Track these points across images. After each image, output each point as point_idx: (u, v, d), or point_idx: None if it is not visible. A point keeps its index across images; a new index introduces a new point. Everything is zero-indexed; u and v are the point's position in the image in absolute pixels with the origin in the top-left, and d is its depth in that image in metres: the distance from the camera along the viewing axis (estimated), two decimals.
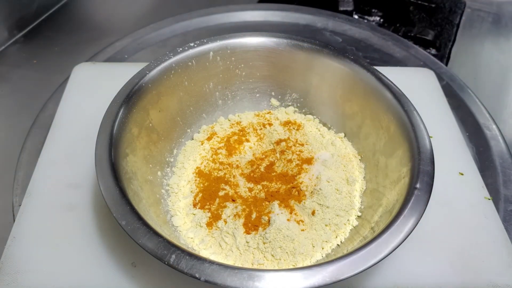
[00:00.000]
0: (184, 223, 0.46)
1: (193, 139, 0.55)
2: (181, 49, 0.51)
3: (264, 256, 0.42)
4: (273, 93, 0.58)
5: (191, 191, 0.49)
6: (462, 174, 0.51)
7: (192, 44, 0.52)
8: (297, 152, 0.52)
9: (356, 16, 0.87)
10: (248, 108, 0.58)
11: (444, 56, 0.78)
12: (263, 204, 0.47)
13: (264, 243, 0.43)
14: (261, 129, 0.55)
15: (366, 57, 0.74)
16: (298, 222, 0.45)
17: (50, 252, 0.43)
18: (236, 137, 0.54)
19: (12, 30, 0.78)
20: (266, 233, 0.43)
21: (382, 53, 0.75)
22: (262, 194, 0.48)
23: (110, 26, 0.84)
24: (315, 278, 0.33)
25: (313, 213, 0.46)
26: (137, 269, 0.42)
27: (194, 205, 0.47)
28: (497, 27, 0.88)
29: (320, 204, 0.46)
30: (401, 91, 0.47)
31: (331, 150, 0.53)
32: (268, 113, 0.57)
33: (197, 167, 0.51)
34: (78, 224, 0.45)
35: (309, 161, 0.51)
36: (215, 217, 0.45)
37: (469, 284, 0.42)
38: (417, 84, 0.62)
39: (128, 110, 0.45)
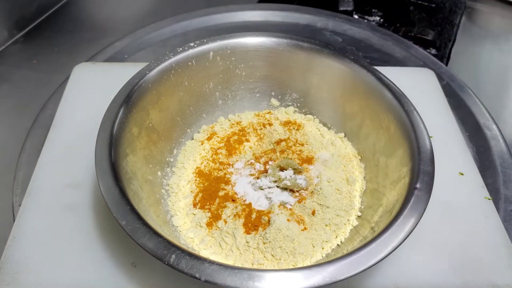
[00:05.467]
0: (184, 223, 0.46)
1: (193, 139, 0.55)
2: (181, 49, 0.51)
3: (264, 256, 0.42)
4: (273, 93, 0.58)
5: (191, 191, 0.49)
6: (462, 174, 0.51)
7: (192, 44, 0.52)
8: (297, 152, 0.52)
9: (356, 16, 0.87)
10: (248, 108, 0.58)
11: (444, 56, 0.78)
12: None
13: (264, 243, 0.43)
14: (261, 129, 0.55)
15: (366, 57, 0.74)
16: (298, 222, 0.45)
17: (50, 252, 0.43)
18: (236, 137, 0.54)
19: (12, 30, 0.78)
20: (266, 233, 0.43)
21: (382, 53, 0.75)
22: None
23: (110, 26, 0.84)
24: (315, 278, 0.33)
25: (313, 213, 0.46)
26: (137, 269, 0.42)
27: (194, 205, 0.47)
28: (497, 27, 0.88)
29: (320, 204, 0.46)
30: (401, 91, 0.47)
31: (331, 150, 0.53)
32: (268, 113, 0.57)
33: (197, 167, 0.51)
34: (78, 224, 0.45)
35: (309, 161, 0.51)
36: (215, 217, 0.45)
37: (469, 284, 0.42)
38: (417, 84, 0.62)
39: (128, 110, 0.45)
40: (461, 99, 0.65)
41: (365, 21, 0.85)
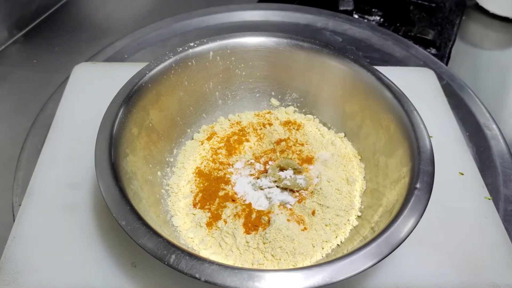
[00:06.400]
0: (184, 223, 0.46)
1: (193, 139, 0.55)
2: (181, 49, 0.51)
3: (264, 256, 0.42)
4: (273, 93, 0.58)
5: (191, 191, 0.49)
6: (462, 174, 0.51)
7: (192, 44, 0.52)
8: (297, 152, 0.52)
9: (356, 16, 0.87)
10: (248, 108, 0.58)
11: (444, 55, 0.78)
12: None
13: (264, 243, 0.43)
14: (261, 129, 0.55)
15: (366, 57, 0.74)
16: (298, 222, 0.45)
17: (50, 252, 0.43)
18: (236, 137, 0.54)
19: (12, 30, 0.78)
20: (266, 233, 0.43)
21: (382, 52, 0.75)
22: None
23: (110, 26, 0.84)
24: (315, 278, 0.33)
25: (313, 213, 0.46)
26: (137, 269, 0.42)
27: (194, 205, 0.47)
28: (498, 27, 0.88)
29: (320, 204, 0.46)
30: (401, 90, 0.47)
31: (331, 150, 0.53)
32: (268, 113, 0.57)
33: (197, 167, 0.51)
34: (78, 224, 0.45)
35: (309, 161, 0.51)
36: (215, 217, 0.45)
37: (469, 284, 0.42)
38: (417, 83, 0.62)
39: (128, 110, 0.45)
40: (461, 99, 0.65)
41: (365, 20, 0.85)
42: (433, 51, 0.79)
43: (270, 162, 0.51)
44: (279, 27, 0.79)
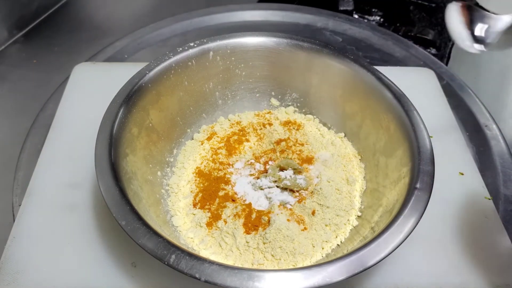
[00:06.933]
0: (184, 223, 0.46)
1: (193, 139, 0.55)
2: (181, 49, 0.51)
3: (264, 256, 0.42)
4: (273, 93, 0.58)
5: (191, 191, 0.49)
6: (462, 174, 0.51)
7: (192, 44, 0.52)
8: (297, 152, 0.52)
9: (356, 16, 0.87)
10: (248, 108, 0.58)
11: (444, 55, 0.78)
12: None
13: (264, 243, 0.43)
14: (261, 129, 0.55)
15: (366, 57, 0.74)
16: (298, 222, 0.45)
17: (50, 252, 0.43)
18: (236, 137, 0.54)
19: (12, 30, 0.78)
20: (266, 233, 0.43)
21: (382, 52, 0.75)
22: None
23: (110, 26, 0.84)
24: (315, 278, 0.33)
25: (313, 213, 0.46)
26: (137, 269, 0.42)
27: (194, 205, 0.47)
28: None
29: (320, 204, 0.46)
30: (401, 90, 0.47)
31: (331, 150, 0.53)
32: (268, 113, 0.57)
33: (197, 167, 0.51)
34: (78, 224, 0.45)
35: (309, 161, 0.51)
36: (215, 217, 0.45)
37: (469, 284, 0.42)
38: (417, 84, 0.63)
39: (128, 110, 0.45)
40: (461, 99, 0.65)
41: (365, 20, 0.85)
42: (433, 51, 0.79)
43: (270, 162, 0.51)
44: (279, 27, 0.79)
